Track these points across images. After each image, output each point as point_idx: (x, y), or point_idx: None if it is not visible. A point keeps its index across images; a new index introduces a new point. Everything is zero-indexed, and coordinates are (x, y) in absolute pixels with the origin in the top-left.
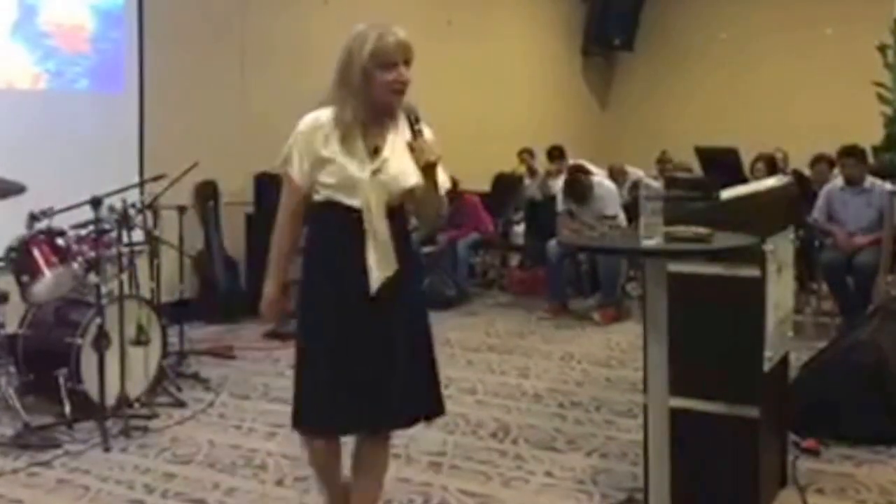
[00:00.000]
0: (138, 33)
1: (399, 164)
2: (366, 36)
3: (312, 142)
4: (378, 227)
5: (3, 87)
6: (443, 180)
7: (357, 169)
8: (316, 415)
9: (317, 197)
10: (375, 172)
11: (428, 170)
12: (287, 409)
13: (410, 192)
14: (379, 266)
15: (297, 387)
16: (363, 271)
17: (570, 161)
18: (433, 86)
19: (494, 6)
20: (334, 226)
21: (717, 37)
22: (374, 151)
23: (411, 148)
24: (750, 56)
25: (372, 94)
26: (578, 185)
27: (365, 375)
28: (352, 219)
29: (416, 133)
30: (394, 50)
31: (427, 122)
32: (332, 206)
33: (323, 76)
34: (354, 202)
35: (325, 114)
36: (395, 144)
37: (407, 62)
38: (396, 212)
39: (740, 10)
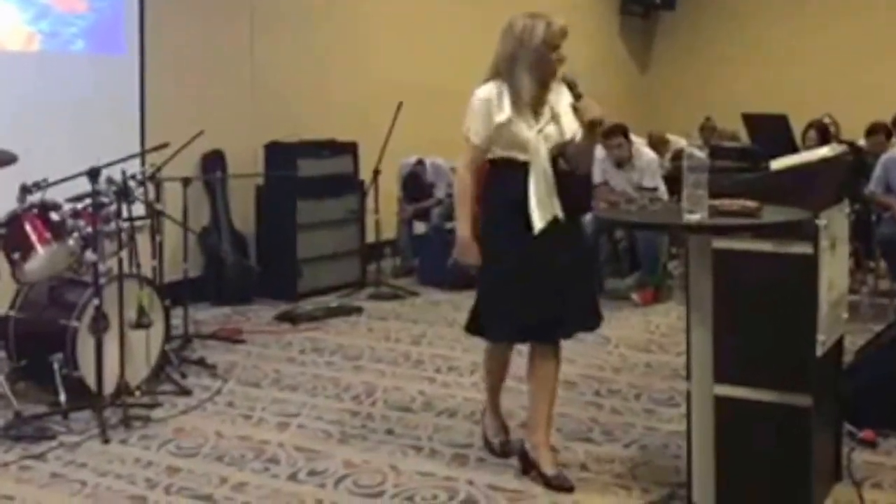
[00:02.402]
0: None
1: (558, 121)
2: (534, 26)
3: (490, 111)
4: (545, 173)
5: None
6: (574, 129)
7: (526, 129)
8: (499, 326)
9: (496, 153)
10: (540, 130)
11: (591, 126)
12: (300, 398)
13: (566, 145)
14: (541, 206)
15: (483, 304)
16: (528, 213)
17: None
18: (456, 47)
19: None
20: (511, 176)
21: None
22: (537, 113)
23: (575, 109)
24: (804, 14)
25: (541, 70)
26: (618, 130)
27: (539, 294)
28: (524, 170)
29: (577, 97)
30: (560, 35)
31: (452, 89)
32: (508, 161)
33: (337, 38)
34: (525, 157)
35: (491, 88)
36: (556, 106)
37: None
38: (558, 161)
39: None
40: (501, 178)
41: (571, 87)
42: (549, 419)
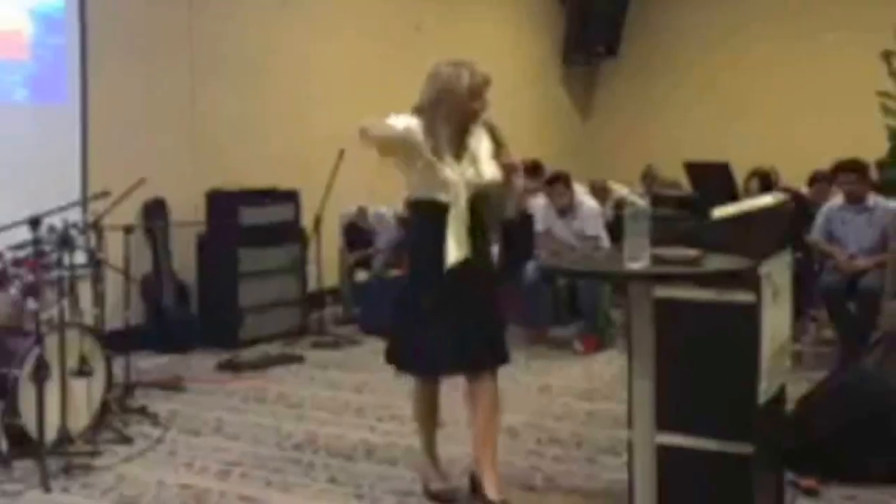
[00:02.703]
0: (80, 39)
1: (479, 165)
2: (459, 74)
3: (418, 134)
4: (462, 216)
5: None
6: (493, 172)
7: (449, 172)
8: (413, 360)
9: (419, 195)
10: (462, 173)
11: (508, 171)
12: (241, 446)
13: (486, 187)
14: (457, 247)
15: (399, 340)
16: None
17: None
18: (397, 97)
19: (466, 10)
20: (434, 217)
21: (710, 44)
22: (458, 157)
23: (497, 154)
24: (746, 63)
25: (464, 117)
26: (560, 180)
27: (451, 330)
28: (443, 211)
29: (498, 141)
30: (483, 84)
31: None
32: (430, 203)
33: (277, 87)
34: (445, 198)
35: (418, 123)
36: (476, 150)
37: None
38: (476, 206)
39: (735, 15)
40: (425, 219)
41: (493, 131)
42: (493, 441)
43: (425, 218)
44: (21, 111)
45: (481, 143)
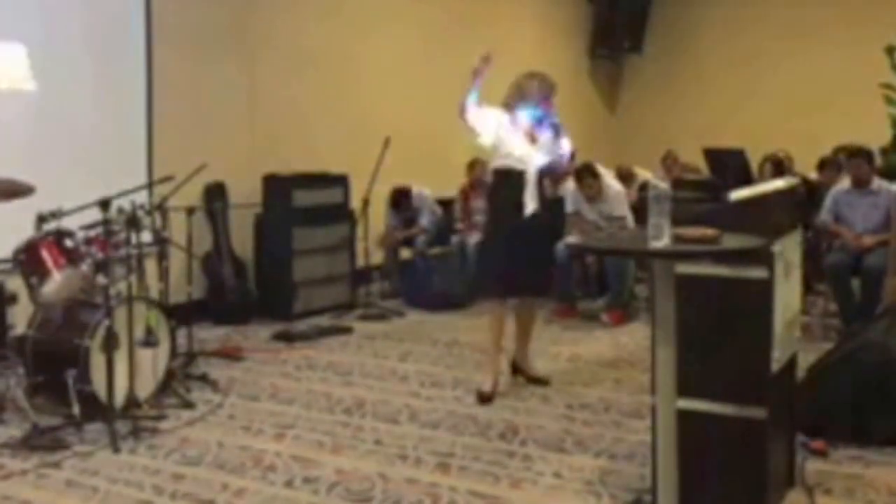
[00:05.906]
0: (146, 33)
1: (543, 150)
2: (532, 83)
3: (501, 121)
4: (532, 180)
5: (10, 87)
6: (567, 146)
7: (525, 149)
8: (491, 285)
9: (499, 164)
10: (532, 153)
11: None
12: (295, 411)
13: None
14: (531, 202)
15: (480, 270)
16: (523, 204)
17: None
18: (438, 89)
19: (500, 8)
20: (509, 181)
21: (725, 39)
22: (533, 141)
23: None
24: (758, 58)
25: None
26: (588, 172)
27: (518, 263)
28: (518, 176)
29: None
30: (550, 90)
31: (433, 126)
32: (508, 170)
33: (328, 79)
34: (520, 166)
35: (503, 115)
36: (545, 139)
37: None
38: (540, 173)
39: (749, 13)
40: (503, 182)
41: (555, 128)
42: (529, 341)
43: (504, 180)
44: (92, 101)
45: (547, 135)
